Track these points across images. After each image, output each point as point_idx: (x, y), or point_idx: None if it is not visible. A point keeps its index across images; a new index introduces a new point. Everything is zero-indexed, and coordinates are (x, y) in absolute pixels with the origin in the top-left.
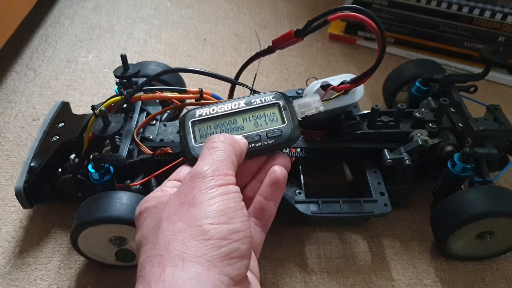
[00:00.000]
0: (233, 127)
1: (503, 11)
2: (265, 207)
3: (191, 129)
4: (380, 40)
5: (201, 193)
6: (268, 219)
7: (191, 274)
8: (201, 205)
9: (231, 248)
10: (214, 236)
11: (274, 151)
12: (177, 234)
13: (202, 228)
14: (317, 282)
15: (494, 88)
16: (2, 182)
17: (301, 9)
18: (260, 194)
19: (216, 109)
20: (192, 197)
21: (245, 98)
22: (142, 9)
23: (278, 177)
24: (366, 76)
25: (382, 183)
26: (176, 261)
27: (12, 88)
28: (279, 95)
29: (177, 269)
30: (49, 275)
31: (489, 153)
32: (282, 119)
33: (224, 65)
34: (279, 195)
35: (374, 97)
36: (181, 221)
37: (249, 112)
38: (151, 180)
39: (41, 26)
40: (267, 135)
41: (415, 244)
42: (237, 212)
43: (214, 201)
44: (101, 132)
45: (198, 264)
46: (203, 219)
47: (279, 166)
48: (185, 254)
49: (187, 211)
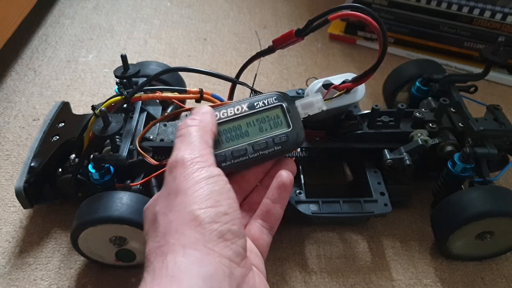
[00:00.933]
0: (238, 133)
1: (503, 11)
2: (272, 209)
3: None
4: (382, 39)
5: (184, 180)
6: (275, 221)
7: (192, 259)
8: (186, 191)
9: (222, 231)
10: (204, 220)
11: (281, 156)
12: (172, 224)
13: (192, 213)
14: (317, 282)
15: (494, 88)
16: (2, 182)
17: (301, 9)
18: (267, 197)
19: (219, 115)
20: (175, 186)
21: (247, 101)
22: (142, 9)
23: (284, 181)
24: (368, 75)
25: (382, 183)
26: (175, 248)
27: (12, 88)
28: (282, 97)
29: (177, 254)
30: (49, 275)
31: (489, 153)
32: (287, 122)
33: (224, 65)
34: (285, 198)
35: (374, 97)
36: (171, 212)
37: (253, 116)
38: (151, 180)
39: (41, 26)
40: (273, 141)
41: (415, 244)
42: (222, 195)
43: (199, 185)
44: (101, 132)
45: (196, 250)
46: (191, 205)
47: (286, 170)
48: (182, 242)
49: (175, 200)
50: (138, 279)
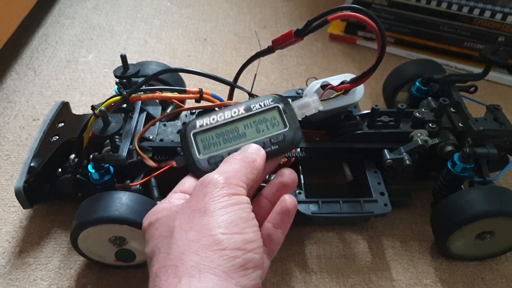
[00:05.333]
0: (236, 135)
1: (503, 11)
2: (273, 234)
3: (194, 141)
4: (380, 40)
5: (213, 201)
6: (275, 246)
7: (207, 285)
8: (213, 213)
9: (246, 258)
10: (228, 246)
11: (279, 155)
12: (191, 244)
13: (215, 238)
14: (317, 282)
15: (494, 88)
16: (2, 182)
17: (301, 9)
18: (269, 221)
19: (216, 118)
20: (204, 205)
21: (244, 104)
22: (142, 9)
23: (288, 207)
24: (366, 76)
25: (382, 183)
26: (192, 271)
27: (12, 88)
28: (278, 98)
29: (193, 280)
30: (49, 275)
31: (489, 153)
32: (284, 122)
33: (224, 65)
34: (287, 224)
35: (374, 97)
36: (193, 230)
37: (250, 118)
38: (151, 180)
39: (41, 26)
40: (270, 141)
41: (415, 244)
42: (248, 222)
43: (226, 210)
44: (101, 132)
45: (214, 275)
46: (216, 228)
47: (290, 196)
48: (200, 265)
49: (199, 219)
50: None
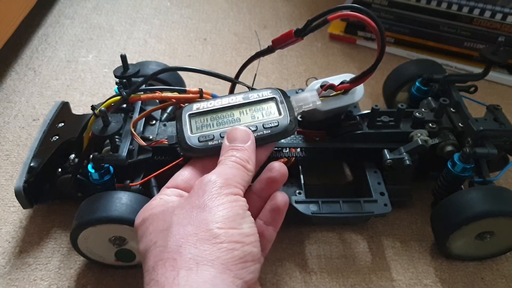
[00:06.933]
0: (230, 119)
1: (503, 11)
2: (265, 232)
3: (188, 121)
4: (380, 39)
5: (211, 198)
6: (267, 243)
7: (205, 277)
8: (211, 210)
9: (244, 251)
10: (226, 240)
11: (270, 142)
12: (189, 238)
13: (212, 232)
14: (317, 282)
15: (494, 88)
16: (2, 182)
17: (301, 9)
18: (260, 219)
19: (214, 103)
20: (202, 201)
21: (242, 93)
22: (142, 9)
23: (279, 204)
24: (366, 76)
25: (382, 183)
26: (190, 264)
27: (12, 88)
28: (277, 90)
29: (191, 272)
30: (49, 275)
31: (489, 153)
32: (279, 111)
33: (224, 65)
34: (279, 222)
35: (374, 97)
36: (191, 225)
37: (246, 106)
38: (151, 180)
39: (41, 26)
40: (263, 126)
41: (415, 244)
42: (245, 218)
43: (224, 206)
44: (101, 132)
45: (212, 268)
46: (213, 223)
47: (281, 193)
48: (199, 258)
49: (197, 215)
50: (137, 279)
